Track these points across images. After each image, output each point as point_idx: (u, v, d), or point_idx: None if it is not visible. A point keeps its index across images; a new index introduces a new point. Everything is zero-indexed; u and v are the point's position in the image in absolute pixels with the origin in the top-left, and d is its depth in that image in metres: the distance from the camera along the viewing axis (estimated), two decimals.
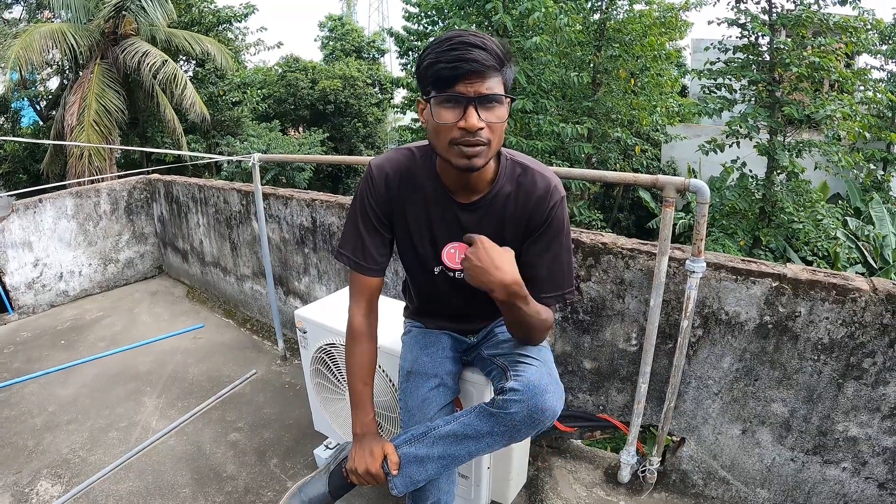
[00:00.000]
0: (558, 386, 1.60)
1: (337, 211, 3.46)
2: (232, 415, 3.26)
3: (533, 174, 1.61)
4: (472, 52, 1.34)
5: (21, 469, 2.86)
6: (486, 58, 1.35)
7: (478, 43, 1.36)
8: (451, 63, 1.35)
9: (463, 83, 1.36)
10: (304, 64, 20.65)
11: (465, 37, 1.37)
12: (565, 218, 1.62)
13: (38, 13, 13.61)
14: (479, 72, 1.36)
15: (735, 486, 2.34)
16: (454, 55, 1.35)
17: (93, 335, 4.43)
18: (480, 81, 1.37)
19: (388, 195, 1.66)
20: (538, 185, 1.59)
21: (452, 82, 1.37)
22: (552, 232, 1.61)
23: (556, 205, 1.59)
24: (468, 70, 1.35)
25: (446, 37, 1.39)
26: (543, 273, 1.64)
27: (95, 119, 10.71)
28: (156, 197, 5.59)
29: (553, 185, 1.60)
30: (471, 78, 1.36)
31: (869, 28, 9.14)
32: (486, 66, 1.36)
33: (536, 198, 1.59)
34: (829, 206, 9.63)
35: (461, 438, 1.62)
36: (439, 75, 1.37)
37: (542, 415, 1.53)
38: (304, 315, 2.46)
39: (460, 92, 1.37)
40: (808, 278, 1.96)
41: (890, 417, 1.94)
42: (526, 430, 1.56)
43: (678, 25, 12.06)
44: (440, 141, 1.45)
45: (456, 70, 1.35)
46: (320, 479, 1.78)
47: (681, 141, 13.71)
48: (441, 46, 1.37)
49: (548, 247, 1.62)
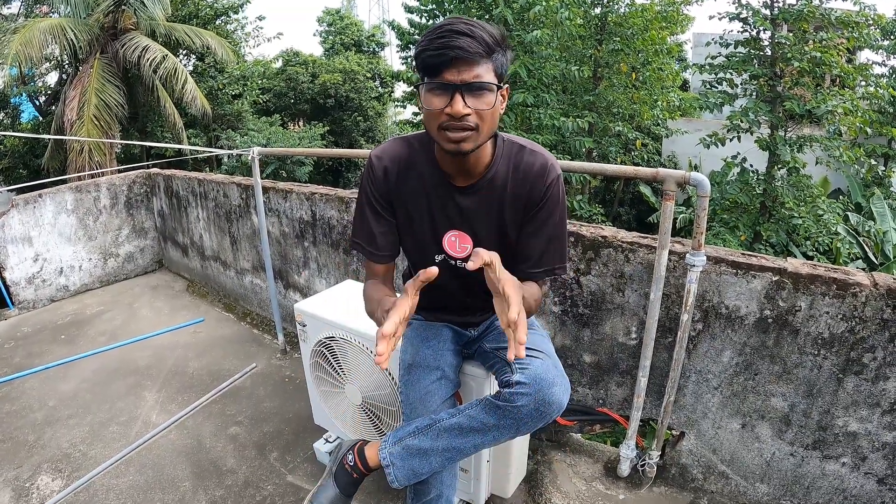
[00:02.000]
0: (564, 379, 1.61)
1: (336, 204, 3.46)
2: (232, 409, 3.27)
3: (529, 153, 1.63)
4: (457, 40, 1.35)
5: (22, 464, 2.86)
6: (471, 45, 1.36)
7: (465, 31, 1.37)
8: (437, 51, 1.37)
9: (450, 70, 1.38)
10: (304, 58, 20.59)
11: (454, 24, 1.38)
12: (562, 196, 1.64)
13: (36, 8, 13.56)
14: (466, 59, 1.37)
15: (734, 481, 2.34)
16: (440, 43, 1.36)
17: (93, 330, 4.43)
18: (468, 69, 1.38)
19: (388, 184, 1.68)
20: (535, 163, 1.61)
21: (440, 69, 1.39)
22: (549, 209, 1.62)
23: (553, 182, 1.61)
24: (453, 57, 1.36)
25: (437, 25, 1.40)
26: (538, 249, 1.65)
27: (95, 114, 10.70)
28: (155, 191, 5.59)
29: (550, 163, 1.62)
30: (457, 65, 1.38)
31: (870, 23, 9.10)
32: (472, 52, 1.37)
33: (533, 175, 1.60)
34: (829, 201, 9.62)
35: (466, 431, 1.63)
36: (427, 62, 1.40)
37: (549, 408, 1.54)
38: (304, 309, 2.46)
39: (447, 79, 1.39)
40: (809, 273, 1.96)
41: (890, 413, 1.94)
42: (532, 423, 1.57)
43: (679, 20, 12.02)
44: (431, 126, 1.47)
45: (441, 57, 1.37)
46: (327, 483, 1.80)
47: (682, 135, 13.69)
48: (431, 35, 1.39)
49: (544, 224, 1.64)
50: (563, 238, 1.68)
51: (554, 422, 2.61)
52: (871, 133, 9.37)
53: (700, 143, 9.65)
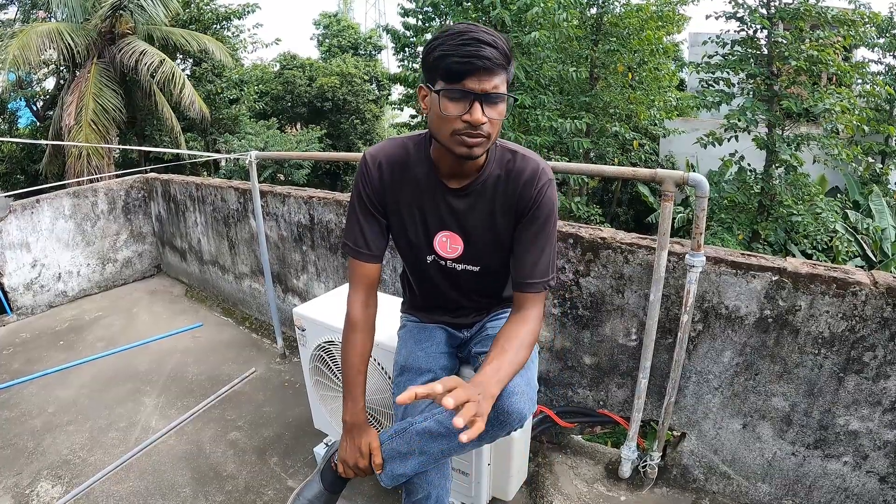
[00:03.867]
0: (529, 388, 1.62)
1: (334, 208, 3.45)
2: (232, 413, 3.26)
3: (521, 158, 1.64)
4: (484, 50, 1.38)
5: (21, 470, 2.85)
6: (496, 56, 1.39)
7: (490, 41, 1.39)
8: (463, 58, 1.38)
9: (472, 79, 1.40)
10: (301, 61, 20.60)
11: (478, 33, 1.39)
12: (554, 201, 1.65)
13: (33, 13, 13.56)
14: (489, 69, 1.39)
15: (736, 481, 2.33)
16: (468, 51, 1.37)
17: (92, 335, 4.42)
18: (488, 79, 1.40)
19: (382, 183, 1.69)
20: (526, 168, 1.62)
21: (462, 77, 1.40)
22: (542, 216, 1.63)
23: (545, 187, 1.62)
24: (480, 67, 1.38)
25: (458, 30, 1.41)
26: (533, 258, 1.65)
27: (93, 118, 10.69)
28: (153, 196, 5.58)
29: (541, 168, 1.63)
30: (480, 74, 1.39)
31: (866, 21, 9.12)
32: (496, 64, 1.40)
33: (525, 180, 1.62)
34: (828, 199, 9.62)
35: (435, 436, 1.65)
36: (450, 69, 1.40)
37: (507, 417, 1.54)
38: (303, 313, 2.46)
39: (469, 88, 1.40)
40: (808, 272, 1.95)
41: (891, 411, 1.93)
42: (493, 432, 1.57)
43: (675, 19, 12.05)
44: (443, 130, 1.48)
45: (468, 66, 1.38)
46: (314, 480, 1.84)
47: (679, 135, 13.69)
48: (454, 40, 1.40)
49: (539, 231, 1.64)
50: (554, 246, 1.69)
51: (554, 423, 2.62)
52: (869, 131, 9.40)
53: (697, 143, 9.65)
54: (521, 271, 1.66)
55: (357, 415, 1.72)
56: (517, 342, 1.55)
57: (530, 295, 1.65)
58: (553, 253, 1.67)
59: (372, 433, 1.72)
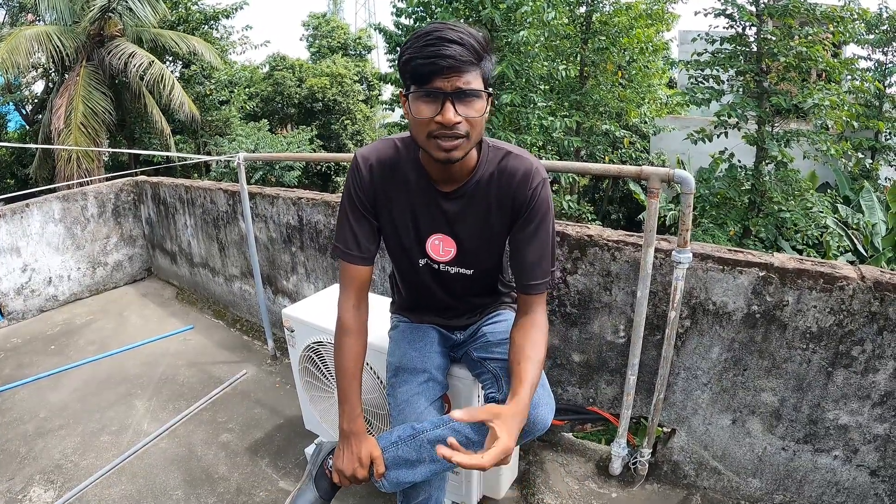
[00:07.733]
0: (550, 397, 1.62)
1: (323, 209, 3.45)
2: (223, 416, 3.25)
3: (514, 157, 1.62)
4: (448, 48, 1.35)
5: (14, 475, 2.84)
6: (462, 53, 1.36)
7: (454, 38, 1.36)
8: (427, 59, 1.35)
9: (440, 78, 1.37)
10: (291, 62, 20.58)
11: (442, 31, 1.37)
12: (549, 200, 1.63)
13: (21, 16, 13.50)
14: (456, 67, 1.36)
15: (726, 476, 2.34)
16: (430, 51, 1.35)
17: (83, 339, 4.40)
18: (457, 76, 1.37)
19: (373, 184, 1.66)
20: (519, 168, 1.60)
21: (429, 77, 1.37)
22: (539, 215, 1.61)
23: (539, 186, 1.60)
24: (444, 66, 1.35)
25: (425, 31, 1.39)
26: (533, 258, 1.64)
27: (83, 121, 10.66)
28: (143, 199, 5.55)
29: (534, 166, 1.61)
30: (447, 73, 1.36)
31: (855, 18, 9.16)
32: (463, 61, 1.36)
33: (518, 179, 1.59)
34: (818, 194, 9.67)
35: None
36: (416, 70, 1.38)
37: (533, 427, 1.56)
38: (291, 314, 2.46)
39: (437, 87, 1.38)
40: (796, 267, 1.96)
41: (880, 405, 1.95)
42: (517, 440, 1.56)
43: (665, 17, 12.08)
44: (419, 134, 1.46)
45: (432, 66, 1.36)
46: (308, 487, 1.78)
47: (669, 132, 13.75)
48: (419, 41, 1.37)
49: (536, 231, 1.62)
50: (554, 244, 1.67)
51: None
52: (858, 126, 9.43)
53: (688, 139, 9.68)
54: (523, 273, 1.64)
55: (355, 422, 1.65)
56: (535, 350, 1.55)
57: (534, 296, 1.64)
58: (553, 251, 1.66)
59: (371, 442, 1.65)
